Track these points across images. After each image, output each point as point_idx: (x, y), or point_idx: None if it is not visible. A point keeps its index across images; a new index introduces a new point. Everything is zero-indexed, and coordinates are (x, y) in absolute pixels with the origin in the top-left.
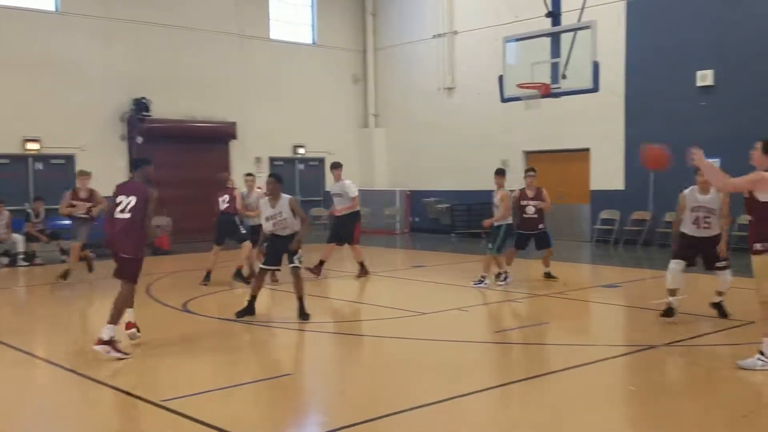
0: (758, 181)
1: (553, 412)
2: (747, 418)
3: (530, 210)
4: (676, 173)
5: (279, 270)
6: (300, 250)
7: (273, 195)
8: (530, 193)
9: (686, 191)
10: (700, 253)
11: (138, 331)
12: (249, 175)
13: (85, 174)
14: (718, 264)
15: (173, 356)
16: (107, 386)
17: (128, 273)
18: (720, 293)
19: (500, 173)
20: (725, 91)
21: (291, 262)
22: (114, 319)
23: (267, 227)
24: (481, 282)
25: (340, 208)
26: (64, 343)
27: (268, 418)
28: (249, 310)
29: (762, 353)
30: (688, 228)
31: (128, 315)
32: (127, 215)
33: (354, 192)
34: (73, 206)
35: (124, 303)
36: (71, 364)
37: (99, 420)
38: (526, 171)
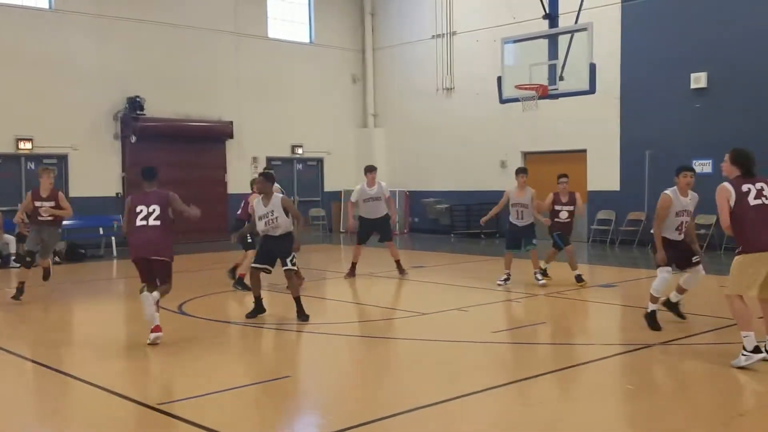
0: (723, 197)
1: (552, 411)
2: (744, 417)
3: (563, 215)
4: (671, 174)
5: (269, 271)
6: (294, 252)
7: (265, 194)
8: (564, 198)
9: (670, 193)
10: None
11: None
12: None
13: (48, 170)
14: (695, 259)
15: (169, 359)
16: (102, 389)
17: (165, 274)
18: (682, 291)
19: (525, 171)
20: (719, 93)
21: (284, 264)
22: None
23: (260, 227)
24: (543, 275)
25: (391, 212)
26: (57, 345)
27: (266, 420)
28: (259, 310)
29: (744, 348)
30: (670, 233)
31: (157, 318)
32: (157, 222)
33: (388, 192)
34: (36, 209)
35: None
36: (64, 367)
37: (94, 424)
38: (560, 177)
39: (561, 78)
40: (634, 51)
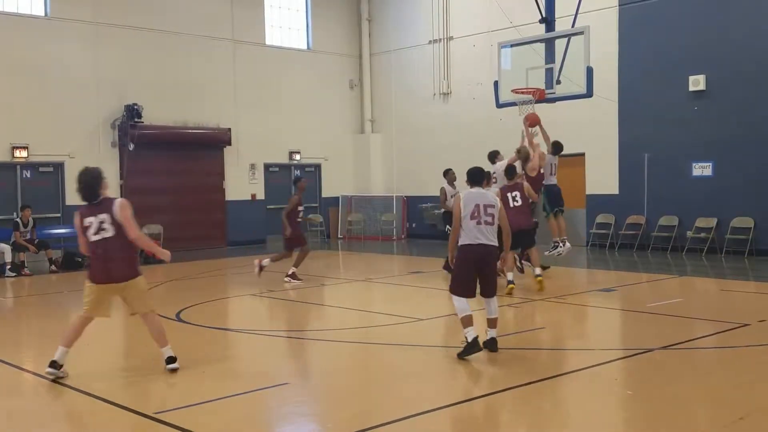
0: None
1: (550, 417)
2: (744, 420)
3: None
4: (670, 177)
5: None
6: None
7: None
8: None
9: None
10: None
11: None
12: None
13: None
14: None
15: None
16: (98, 399)
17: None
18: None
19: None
20: (717, 96)
21: None
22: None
23: None
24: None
25: None
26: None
27: (265, 428)
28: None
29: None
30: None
31: None
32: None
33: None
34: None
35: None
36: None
37: None
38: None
39: (558, 82)
40: (632, 54)
